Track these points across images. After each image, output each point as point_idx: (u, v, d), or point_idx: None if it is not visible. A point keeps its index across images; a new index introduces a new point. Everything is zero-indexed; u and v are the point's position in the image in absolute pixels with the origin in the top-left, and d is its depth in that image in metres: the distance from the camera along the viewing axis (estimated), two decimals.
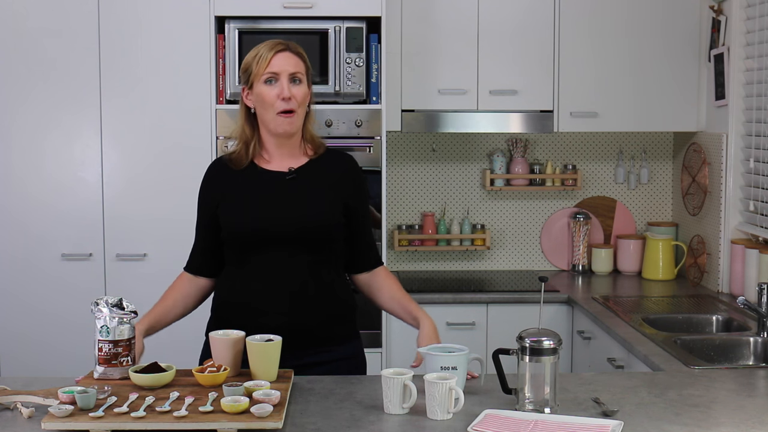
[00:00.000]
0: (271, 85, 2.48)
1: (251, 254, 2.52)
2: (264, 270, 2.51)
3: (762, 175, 3.79)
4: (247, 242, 2.52)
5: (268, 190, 2.53)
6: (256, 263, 2.52)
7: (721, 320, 3.55)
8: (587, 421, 2.09)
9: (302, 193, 2.52)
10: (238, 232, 2.52)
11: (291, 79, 2.49)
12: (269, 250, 2.50)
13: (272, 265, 2.51)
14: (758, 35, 3.80)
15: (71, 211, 3.93)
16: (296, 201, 2.51)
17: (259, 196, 2.52)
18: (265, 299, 2.51)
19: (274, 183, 2.53)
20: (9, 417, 2.15)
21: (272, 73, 2.48)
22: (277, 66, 2.48)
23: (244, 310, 2.52)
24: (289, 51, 2.51)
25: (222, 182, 2.58)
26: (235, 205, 2.53)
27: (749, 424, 2.14)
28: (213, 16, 3.88)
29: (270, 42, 2.53)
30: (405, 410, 2.17)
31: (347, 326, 2.63)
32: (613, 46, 4.23)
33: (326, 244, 2.54)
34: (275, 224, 2.49)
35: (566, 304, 4.03)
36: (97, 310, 2.35)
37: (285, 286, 2.50)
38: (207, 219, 2.59)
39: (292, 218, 2.50)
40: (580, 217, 4.54)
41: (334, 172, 2.58)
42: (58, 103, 3.89)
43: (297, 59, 2.52)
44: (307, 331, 2.51)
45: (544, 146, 4.61)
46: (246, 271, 2.54)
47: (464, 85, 4.20)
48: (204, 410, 2.06)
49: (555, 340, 2.19)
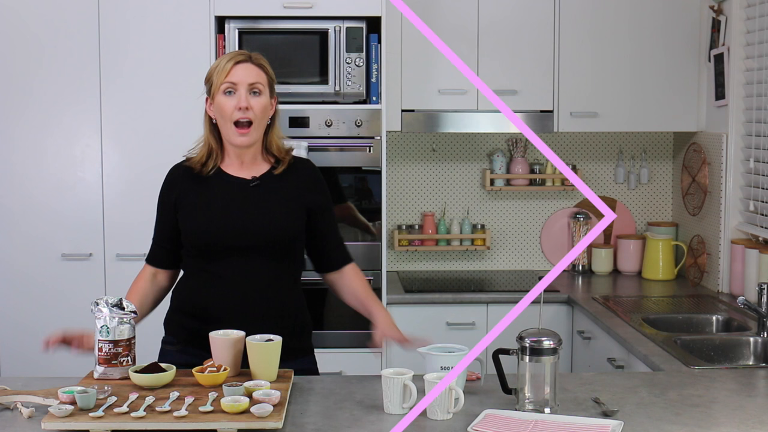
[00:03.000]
0: (230, 96, 2.50)
1: (209, 260, 2.52)
2: (221, 277, 2.51)
3: (762, 175, 3.79)
4: (206, 249, 2.52)
5: (230, 197, 2.53)
6: (213, 270, 2.52)
7: (721, 320, 3.55)
8: (587, 421, 2.10)
9: (264, 201, 2.53)
10: (197, 238, 2.53)
11: (250, 90, 2.50)
12: (227, 258, 2.51)
13: (230, 272, 2.51)
14: (758, 35, 3.80)
15: (71, 211, 3.93)
16: (257, 209, 2.52)
17: (220, 203, 2.53)
18: (219, 307, 2.51)
19: (236, 190, 2.54)
20: (9, 417, 2.15)
21: (231, 83, 2.50)
22: (236, 77, 2.50)
23: (198, 317, 2.52)
24: (250, 62, 2.53)
25: (184, 186, 2.58)
26: (195, 210, 2.54)
27: (749, 424, 2.14)
28: (213, 16, 3.88)
29: (231, 53, 2.56)
30: (405, 410, 2.17)
31: (302, 340, 2.62)
32: (612, 46, 4.23)
33: (286, 252, 2.55)
34: (235, 232, 2.49)
35: (566, 304, 4.03)
36: (97, 310, 2.36)
37: (241, 294, 2.50)
38: (166, 219, 2.60)
39: (252, 226, 2.50)
40: (580, 217, 4.54)
41: (296, 180, 2.59)
42: (59, 104, 3.89)
43: (258, 71, 2.52)
44: None
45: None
46: (203, 277, 2.54)
47: (464, 85, 4.20)
48: (204, 410, 2.06)
49: (555, 340, 2.19)
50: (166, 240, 2.62)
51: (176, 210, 2.57)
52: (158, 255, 2.65)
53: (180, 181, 2.59)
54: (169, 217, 2.59)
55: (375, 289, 3.92)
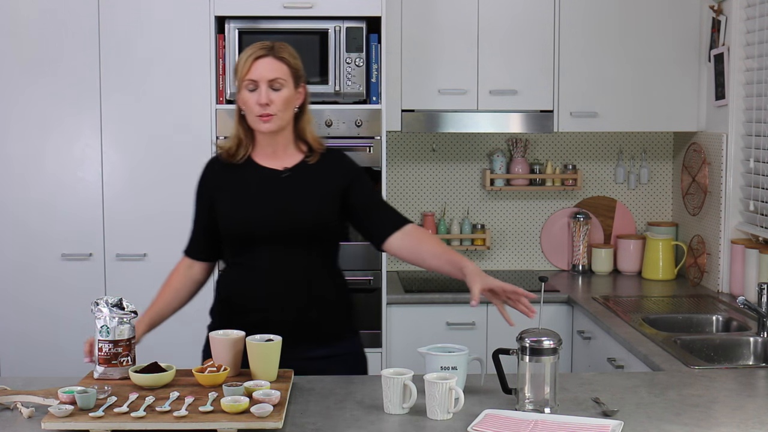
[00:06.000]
0: (252, 92, 2.51)
1: (245, 250, 2.56)
2: (256, 267, 2.55)
3: (762, 175, 3.78)
4: (239, 238, 2.56)
5: (262, 187, 2.56)
6: (249, 260, 2.55)
7: (721, 320, 3.55)
8: (587, 421, 2.10)
9: (294, 192, 2.55)
10: (230, 229, 2.56)
11: (271, 85, 2.50)
12: (261, 247, 2.54)
13: (264, 262, 2.54)
14: (758, 35, 3.80)
15: (71, 211, 3.93)
16: (289, 199, 2.54)
17: (253, 194, 2.56)
18: (256, 297, 2.54)
19: (268, 181, 2.56)
20: (9, 417, 2.15)
21: (251, 81, 2.51)
22: (255, 74, 2.50)
23: (238, 306, 2.56)
24: (271, 56, 2.52)
25: (218, 178, 2.61)
26: (229, 202, 2.57)
27: (749, 424, 2.14)
28: (213, 16, 3.88)
29: (253, 47, 2.55)
30: (405, 410, 2.17)
31: (344, 323, 2.64)
32: (612, 46, 4.23)
33: (319, 242, 2.56)
34: (265, 222, 2.52)
35: (566, 304, 4.03)
36: (97, 310, 2.36)
37: (276, 284, 2.53)
38: (202, 212, 2.64)
39: (282, 217, 2.52)
40: (580, 217, 4.54)
41: (328, 169, 2.60)
42: (59, 103, 3.89)
43: (278, 65, 2.52)
44: (302, 327, 2.53)
45: (544, 146, 4.61)
46: (240, 267, 2.58)
47: (464, 85, 4.20)
48: (204, 410, 2.06)
49: (555, 340, 2.19)
50: (202, 232, 2.65)
51: (212, 202, 2.60)
52: (194, 247, 2.68)
53: (215, 174, 2.63)
54: (205, 210, 2.62)
55: (375, 289, 3.94)
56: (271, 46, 2.54)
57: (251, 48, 2.54)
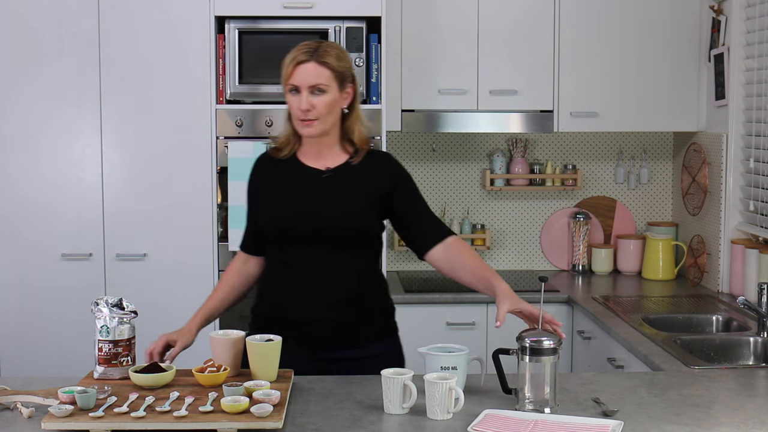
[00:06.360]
0: (294, 95, 2.52)
1: (281, 248, 2.58)
2: (291, 265, 2.56)
3: (762, 175, 3.78)
4: (275, 236, 2.58)
5: (301, 186, 2.57)
6: (286, 258, 2.57)
7: (721, 320, 3.55)
8: (587, 421, 2.10)
9: (333, 192, 2.55)
10: (267, 225, 2.59)
11: (312, 91, 2.50)
12: (298, 246, 2.55)
13: (300, 260, 2.55)
14: (758, 35, 3.80)
15: (71, 211, 3.93)
16: (326, 200, 2.55)
17: (291, 192, 2.57)
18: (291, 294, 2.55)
19: (308, 180, 2.57)
20: (9, 417, 2.15)
21: (293, 85, 2.51)
22: (297, 79, 2.50)
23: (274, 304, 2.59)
24: (313, 61, 2.49)
25: (264, 175, 2.64)
26: (268, 198, 2.60)
27: (749, 424, 2.14)
28: (213, 16, 3.88)
29: (298, 49, 2.52)
30: (405, 410, 2.17)
31: (382, 324, 2.65)
32: (613, 46, 4.23)
33: (356, 242, 2.56)
34: (302, 221, 2.53)
35: (566, 304, 4.03)
36: (97, 310, 2.36)
37: (310, 283, 2.54)
38: (252, 207, 2.68)
39: (319, 216, 2.53)
40: (580, 217, 4.54)
41: (371, 170, 2.59)
42: (59, 103, 3.89)
43: (320, 70, 2.49)
44: (340, 328, 2.54)
45: (544, 146, 4.61)
46: (277, 265, 2.60)
47: (464, 85, 4.20)
48: (204, 410, 2.06)
49: (555, 340, 2.19)
50: (253, 228, 2.68)
51: (258, 197, 2.63)
52: (248, 242, 2.71)
53: (261, 170, 2.66)
54: (254, 205, 2.66)
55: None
56: (315, 49, 2.51)
57: (296, 50, 2.52)
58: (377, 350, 2.58)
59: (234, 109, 3.90)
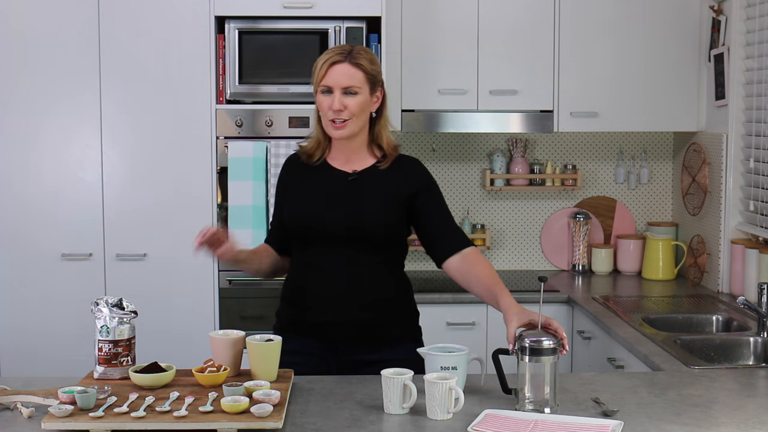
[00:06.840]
0: (326, 95, 2.52)
1: (305, 249, 2.59)
2: (313, 266, 2.57)
3: (762, 175, 3.78)
4: (299, 237, 2.59)
5: (327, 188, 2.58)
6: (309, 260, 2.58)
7: (721, 320, 3.55)
8: (587, 421, 2.10)
9: (359, 195, 2.56)
10: (291, 225, 2.60)
11: (344, 91, 2.50)
12: (321, 247, 2.56)
13: (323, 262, 2.55)
14: (758, 35, 3.80)
15: (71, 211, 3.93)
16: (352, 203, 2.55)
17: (317, 193, 2.58)
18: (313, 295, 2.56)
19: (335, 183, 2.58)
20: (9, 417, 2.15)
21: (325, 86, 2.52)
22: (330, 80, 2.51)
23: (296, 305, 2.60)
24: (347, 62, 2.50)
25: (293, 176, 2.66)
26: (295, 199, 2.61)
27: (749, 424, 2.14)
28: (213, 16, 3.88)
29: (331, 51, 2.54)
30: (405, 410, 2.17)
31: (406, 328, 2.66)
32: (612, 46, 4.23)
33: (380, 245, 2.56)
34: (326, 223, 2.54)
35: (566, 304, 4.03)
36: (97, 310, 2.36)
37: (333, 285, 2.54)
38: (279, 207, 2.70)
39: (343, 219, 2.53)
40: (580, 217, 4.54)
41: (397, 175, 2.59)
42: (59, 103, 3.89)
43: (353, 71, 2.50)
44: (362, 330, 2.55)
45: (544, 146, 4.61)
46: (301, 266, 2.61)
47: (464, 85, 4.20)
48: (204, 410, 2.06)
49: (555, 340, 2.19)
50: (276, 226, 2.71)
51: (285, 197, 2.65)
52: (274, 238, 2.73)
53: (290, 171, 2.68)
54: (280, 205, 2.68)
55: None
56: (349, 51, 2.52)
57: (329, 52, 2.53)
58: (401, 354, 2.52)
59: (234, 109, 3.90)
